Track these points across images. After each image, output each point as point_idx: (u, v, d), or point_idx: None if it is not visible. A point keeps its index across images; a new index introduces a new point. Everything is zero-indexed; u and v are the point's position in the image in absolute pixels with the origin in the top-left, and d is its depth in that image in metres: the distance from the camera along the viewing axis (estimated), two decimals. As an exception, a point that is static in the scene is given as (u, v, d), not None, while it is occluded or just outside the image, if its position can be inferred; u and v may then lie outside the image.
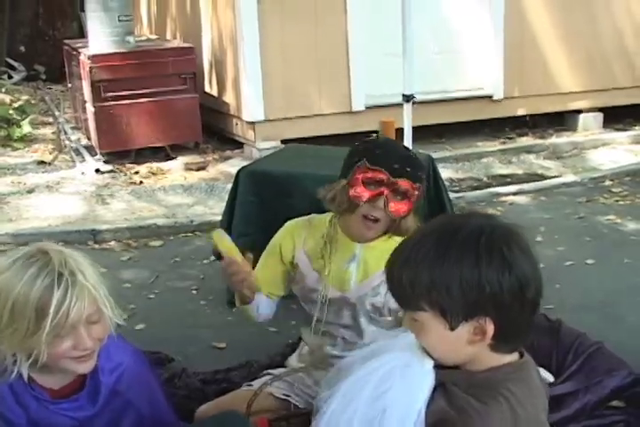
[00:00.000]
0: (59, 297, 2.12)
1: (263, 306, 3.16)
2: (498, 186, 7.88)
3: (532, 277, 1.72)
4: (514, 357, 1.82)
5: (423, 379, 1.74)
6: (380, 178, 2.87)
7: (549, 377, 3.36)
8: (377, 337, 1.96)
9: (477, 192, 7.64)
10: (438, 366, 1.79)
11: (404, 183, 2.87)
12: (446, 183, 5.52)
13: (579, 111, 9.62)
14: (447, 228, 1.74)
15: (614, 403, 3.49)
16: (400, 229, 2.94)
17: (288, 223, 3.26)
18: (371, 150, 2.97)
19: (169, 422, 2.71)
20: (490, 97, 9.20)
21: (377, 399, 1.73)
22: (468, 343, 1.74)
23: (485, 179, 8.32)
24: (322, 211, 3.25)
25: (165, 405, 2.72)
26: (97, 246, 6.49)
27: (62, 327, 2.16)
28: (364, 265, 3.05)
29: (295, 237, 3.18)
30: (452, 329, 1.72)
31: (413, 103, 5.84)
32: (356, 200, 2.90)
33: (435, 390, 1.77)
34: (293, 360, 3.37)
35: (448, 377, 1.80)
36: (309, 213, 3.30)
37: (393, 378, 1.74)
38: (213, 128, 9.53)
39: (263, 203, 4.85)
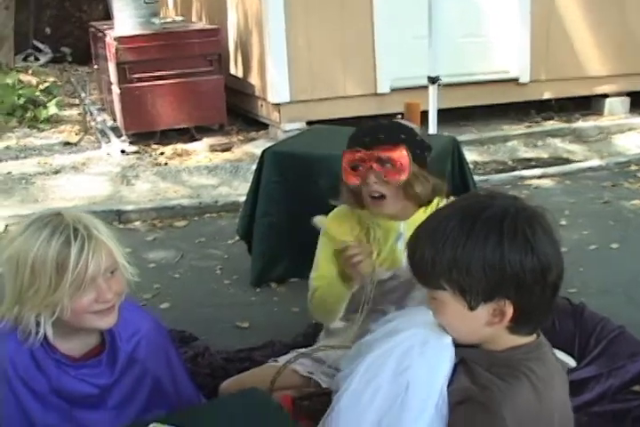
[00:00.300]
0: (76, 251, 2.20)
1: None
2: (523, 169, 7.84)
3: (554, 260, 1.71)
4: (531, 337, 1.82)
5: (443, 355, 1.74)
6: (359, 156, 2.90)
7: (571, 362, 3.36)
8: (397, 314, 1.95)
9: (502, 175, 7.60)
10: (457, 344, 1.79)
11: (382, 151, 2.86)
12: (471, 166, 5.51)
13: (605, 95, 9.54)
14: (471, 208, 1.73)
15: (636, 388, 3.48)
16: (414, 194, 2.93)
17: (332, 213, 3.24)
18: (349, 138, 3.01)
19: (188, 392, 2.77)
20: (516, 80, 9.15)
21: (399, 376, 1.73)
22: (487, 324, 1.74)
23: (510, 162, 8.29)
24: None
25: (185, 374, 2.78)
26: (122, 226, 6.52)
27: (83, 281, 2.22)
28: None
29: (341, 227, 3.15)
30: (472, 309, 1.72)
31: (439, 86, 5.82)
32: (353, 187, 2.92)
33: (456, 367, 1.78)
34: (321, 339, 3.38)
35: (468, 355, 1.80)
36: (334, 195, 3.29)
37: (412, 355, 1.74)
38: (238, 110, 9.53)
39: (287, 183, 4.86)
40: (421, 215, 2.99)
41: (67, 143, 9.09)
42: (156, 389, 2.62)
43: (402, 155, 2.87)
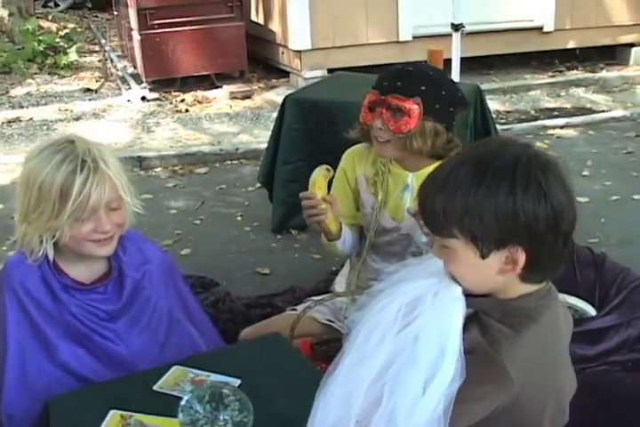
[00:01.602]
0: (81, 181, 2.29)
1: (347, 238, 3.15)
2: (545, 119, 7.79)
3: (567, 208, 1.69)
4: (541, 284, 1.82)
5: (453, 306, 1.72)
6: (374, 99, 2.88)
7: (592, 311, 3.36)
8: (405, 263, 1.93)
9: (524, 125, 7.57)
10: (467, 295, 1.78)
11: (395, 99, 2.84)
12: (493, 115, 5.47)
13: (631, 45, 9.44)
14: (483, 156, 1.70)
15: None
16: (411, 149, 2.90)
17: (349, 150, 3.24)
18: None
19: (210, 332, 2.82)
20: (540, 28, 9.05)
21: (406, 328, 1.72)
22: (499, 273, 1.73)
23: (533, 112, 8.23)
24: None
25: (202, 313, 2.84)
26: (143, 173, 6.55)
27: (84, 210, 2.33)
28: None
29: (356, 163, 3.18)
30: (483, 258, 1.70)
31: (462, 33, 5.76)
32: (362, 124, 2.92)
33: (468, 318, 1.77)
34: (338, 286, 3.40)
35: (479, 305, 1.80)
36: (355, 143, 3.29)
37: (421, 306, 1.72)
38: (259, 57, 9.49)
39: (309, 131, 4.85)
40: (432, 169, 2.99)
41: (87, 90, 9.09)
42: (171, 322, 2.66)
43: (412, 108, 2.83)
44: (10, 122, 7.98)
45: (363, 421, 1.67)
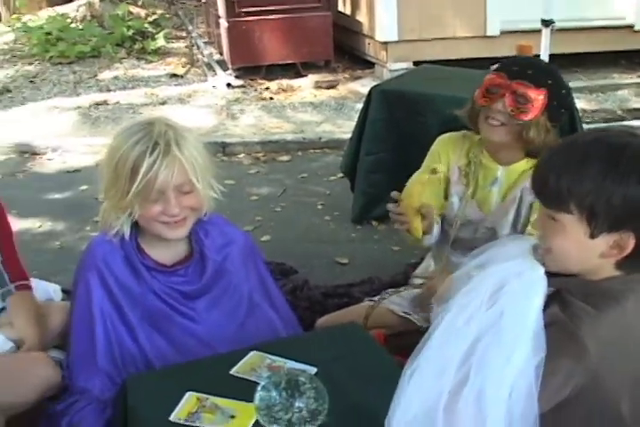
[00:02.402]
0: (150, 162, 2.34)
1: (435, 235, 3.11)
2: (632, 120, 7.64)
3: None
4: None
5: (537, 285, 1.73)
6: (499, 81, 2.83)
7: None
8: (488, 246, 1.93)
9: (610, 124, 7.43)
10: (550, 274, 1.78)
11: (522, 85, 2.79)
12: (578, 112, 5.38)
13: None
14: (615, 143, 1.72)
15: None
16: (526, 138, 2.86)
17: (443, 137, 3.22)
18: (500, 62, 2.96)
19: (289, 316, 2.83)
20: (631, 27, 8.86)
21: (493, 306, 1.73)
22: (601, 256, 1.73)
23: (619, 112, 8.07)
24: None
25: (282, 298, 2.84)
26: (226, 159, 6.59)
27: (151, 191, 2.37)
28: (506, 188, 3.02)
29: (451, 151, 3.14)
30: (592, 237, 1.71)
31: (552, 29, 5.68)
32: (479, 105, 2.87)
33: (549, 297, 1.77)
34: (418, 279, 3.38)
35: (563, 284, 1.79)
36: (440, 134, 3.26)
37: (507, 285, 1.73)
38: (345, 47, 9.47)
39: (394, 122, 4.82)
40: (523, 165, 2.97)
41: (173, 75, 9.17)
42: (250, 305, 2.69)
43: (537, 97, 2.80)
44: (97, 105, 8.10)
45: (452, 398, 1.68)
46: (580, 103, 7.81)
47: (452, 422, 1.69)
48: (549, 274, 1.77)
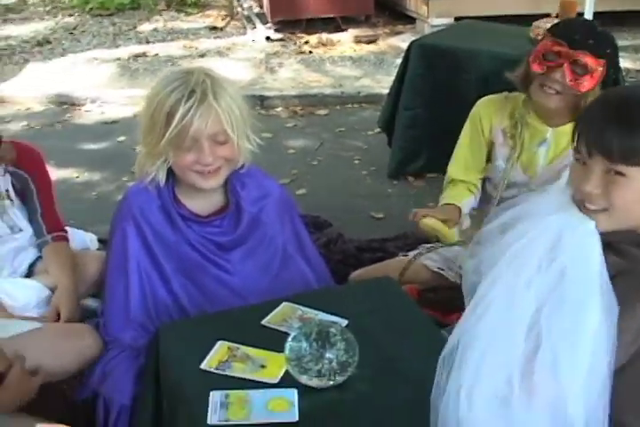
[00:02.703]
0: (185, 109, 2.33)
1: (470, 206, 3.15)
2: (677, 79, 7.53)
3: None
4: None
5: (591, 239, 1.70)
6: (559, 49, 2.75)
7: None
8: (521, 198, 1.90)
9: (654, 83, 7.33)
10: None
11: (584, 56, 2.72)
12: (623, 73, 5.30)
13: None
14: None
15: None
16: (582, 107, 2.79)
17: (485, 99, 3.17)
18: (555, 24, 2.88)
19: (322, 269, 2.82)
20: (678, -16, 8.70)
21: (552, 264, 1.70)
22: None
23: (664, 71, 7.96)
24: (493, 90, 3.19)
25: (315, 251, 2.84)
26: (264, 112, 6.57)
27: (184, 138, 2.37)
28: (554, 149, 2.99)
29: (493, 114, 3.10)
30: None
31: (597, -14, 5.59)
32: (534, 70, 2.81)
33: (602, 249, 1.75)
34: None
35: (616, 237, 1.76)
36: (480, 91, 3.23)
37: (561, 243, 1.71)
38: (386, 2, 9.36)
39: (433, 77, 4.78)
40: (570, 128, 2.92)
41: (212, 28, 9.14)
42: (284, 257, 2.69)
43: (597, 68, 2.74)
44: (136, 57, 8.10)
45: (526, 366, 1.66)
46: (625, 62, 7.67)
47: (530, 392, 1.68)
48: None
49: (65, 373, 2.62)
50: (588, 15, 5.54)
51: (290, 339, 2.06)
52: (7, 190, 3.05)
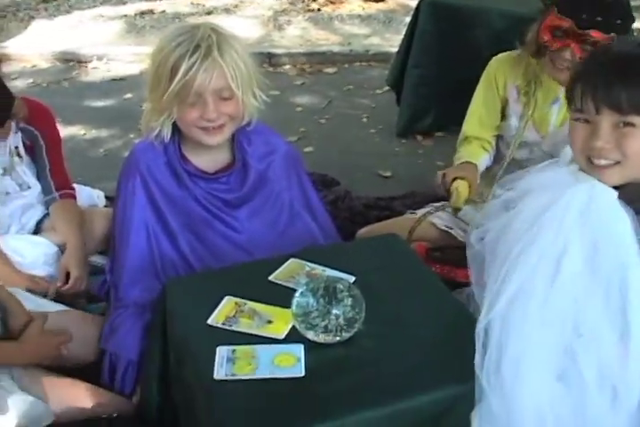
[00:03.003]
0: (189, 64, 2.32)
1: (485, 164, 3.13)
2: (689, 38, 7.45)
3: None
4: None
5: (618, 211, 1.70)
6: (566, 28, 2.72)
7: None
8: (516, 175, 1.91)
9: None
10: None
11: (593, 34, 2.69)
12: (635, 34, 5.25)
13: None
14: None
15: None
16: None
17: (500, 56, 3.14)
18: None
19: (329, 226, 2.83)
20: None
21: (584, 235, 1.70)
22: None
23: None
24: (503, 48, 3.16)
25: (322, 208, 2.84)
26: (271, 69, 6.52)
27: (189, 93, 2.36)
28: (566, 109, 2.97)
29: (507, 71, 3.08)
30: None
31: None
32: (544, 47, 2.79)
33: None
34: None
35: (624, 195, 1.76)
36: (489, 49, 3.20)
37: (587, 214, 1.71)
38: (396, -41, 9.28)
39: (442, 35, 4.73)
40: None
41: (221, -15, 9.06)
42: (291, 213, 2.70)
43: (605, 44, 2.71)
44: (142, 14, 8.03)
45: (569, 347, 1.69)
46: (637, 23, 7.62)
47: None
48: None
49: (86, 360, 2.63)
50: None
51: (297, 295, 2.06)
52: (17, 147, 3.06)
